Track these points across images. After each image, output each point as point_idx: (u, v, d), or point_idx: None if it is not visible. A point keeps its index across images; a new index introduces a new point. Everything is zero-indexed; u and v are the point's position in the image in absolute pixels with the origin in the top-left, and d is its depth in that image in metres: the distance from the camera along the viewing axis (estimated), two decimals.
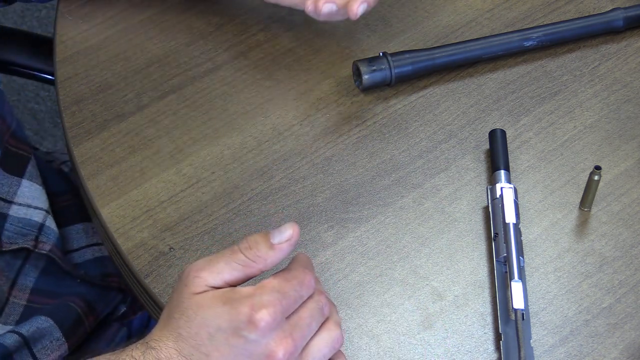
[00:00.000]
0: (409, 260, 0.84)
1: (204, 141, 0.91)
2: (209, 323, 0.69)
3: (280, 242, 0.72)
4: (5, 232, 0.95)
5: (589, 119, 0.94)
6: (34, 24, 2.17)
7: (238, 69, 0.96)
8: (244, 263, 0.71)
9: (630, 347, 0.80)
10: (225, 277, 0.71)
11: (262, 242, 0.72)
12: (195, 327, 0.69)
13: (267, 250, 0.72)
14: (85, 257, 1.02)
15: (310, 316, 0.71)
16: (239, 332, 0.68)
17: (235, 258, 0.71)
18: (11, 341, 0.90)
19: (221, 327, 0.68)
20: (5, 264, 0.95)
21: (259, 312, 0.68)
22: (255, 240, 0.72)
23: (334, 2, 0.89)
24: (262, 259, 0.71)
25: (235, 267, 0.71)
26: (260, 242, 0.72)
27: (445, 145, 0.92)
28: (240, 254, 0.71)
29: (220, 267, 0.71)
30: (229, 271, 0.71)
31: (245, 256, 0.71)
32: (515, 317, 0.78)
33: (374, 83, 0.94)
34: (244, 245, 0.72)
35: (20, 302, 0.95)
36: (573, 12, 1.02)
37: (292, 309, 0.70)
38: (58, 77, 0.96)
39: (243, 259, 0.71)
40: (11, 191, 0.97)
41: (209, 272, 0.71)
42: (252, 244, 0.72)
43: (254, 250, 0.72)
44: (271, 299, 0.69)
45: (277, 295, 0.69)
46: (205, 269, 0.71)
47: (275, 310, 0.68)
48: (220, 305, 0.69)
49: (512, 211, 0.84)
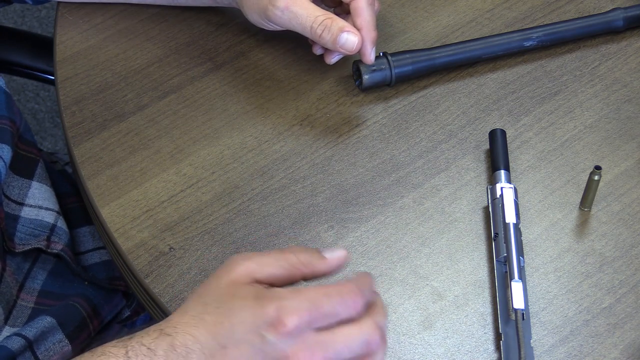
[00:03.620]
0: (409, 260, 0.84)
1: (204, 141, 0.91)
2: (235, 313, 0.68)
3: (331, 257, 0.72)
4: (18, 233, 0.95)
5: (589, 119, 0.94)
6: (34, 24, 2.17)
7: (238, 69, 0.96)
8: (291, 264, 0.70)
9: (630, 347, 0.80)
10: (270, 271, 0.70)
11: (313, 252, 0.72)
12: (222, 314, 0.68)
13: (317, 258, 0.71)
14: (93, 260, 1.02)
15: (346, 342, 0.68)
16: (259, 330, 0.67)
17: (285, 257, 0.71)
18: (17, 345, 0.90)
19: (244, 321, 0.67)
20: (16, 266, 0.95)
21: (283, 316, 0.66)
22: (306, 249, 0.72)
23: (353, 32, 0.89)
24: (310, 264, 0.71)
25: (282, 265, 0.70)
26: (312, 251, 0.72)
27: (445, 145, 0.92)
28: (291, 254, 0.71)
29: (267, 261, 0.70)
30: (276, 267, 0.70)
31: (295, 256, 0.71)
32: (515, 317, 0.78)
33: (374, 83, 0.94)
34: (295, 248, 0.72)
35: (28, 304, 0.95)
36: (573, 12, 1.02)
37: (324, 324, 0.68)
38: (58, 77, 0.96)
39: (292, 259, 0.71)
40: (22, 193, 0.97)
41: (256, 263, 0.70)
42: (303, 249, 0.72)
43: (305, 254, 0.71)
44: (301, 307, 0.67)
45: (308, 305, 0.67)
46: (253, 260, 0.70)
47: (301, 318, 0.67)
48: (251, 299, 0.68)
49: (512, 211, 0.84)
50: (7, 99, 0.96)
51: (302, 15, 0.89)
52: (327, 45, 0.89)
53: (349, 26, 0.89)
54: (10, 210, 0.96)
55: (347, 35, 0.88)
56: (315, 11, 0.89)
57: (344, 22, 0.89)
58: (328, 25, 0.88)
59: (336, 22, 0.89)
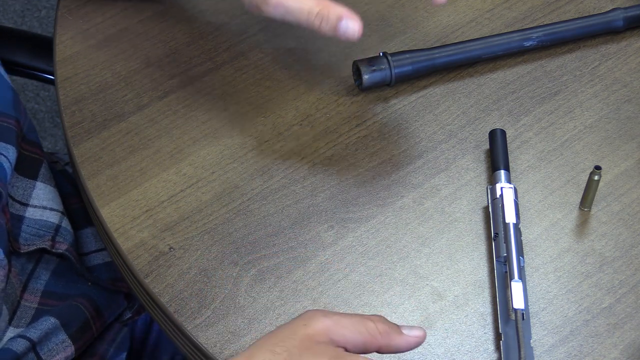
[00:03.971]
0: (409, 260, 0.84)
1: (204, 141, 0.91)
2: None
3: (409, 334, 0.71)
4: (22, 234, 0.95)
5: (589, 119, 0.94)
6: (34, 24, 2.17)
7: (238, 69, 0.96)
8: (369, 331, 0.70)
9: (630, 347, 0.80)
10: (347, 334, 0.69)
11: (392, 324, 0.71)
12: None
13: (395, 332, 0.71)
14: (96, 262, 1.02)
15: None
16: None
17: (363, 323, 0.70)
18: (21, 347, 0.90)
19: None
20: (20, 266, 0.95)
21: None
22: (386, 320, 0.71)
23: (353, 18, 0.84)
24: (387, 335, 0.70)
25: (360, 330, 0.69)
26: (391, 324, 0.71)
27: (445, 145, 0.92)
28: (370, 322, 0.70)
29: (345, 323, 0.69)
30: (352, 332, 0.69)
31: (374, 324, 0.70)
32: (515, 317, 0.78)
33: (374, 83, 0.94)
34: (375, 317, 0.71)
35: (31, 305, 0.95)
36: (573, 12, 1.02)
37: None
38: (58, 77, 0.96)
39: (370, 327, 0.70)
40: (26, 194, 0.97)
41: (334, 323, 0.69)
42: (382, 320, 0.71)
43: (384, 325, 0.71)
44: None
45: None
46: (332, 319, 0.69)
47: None
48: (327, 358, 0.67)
49: (512, 211, 0.84)
50: (14, 97, 0.96)
51: (296, 9, 0.84)
52: (328, 34, 0.85)
53: (347, 12, 0.84)
54: (14, 210, 0.96)
55: (346, 22, 0.84)
56: (308, 2, 0.84)
57: (341, 8, 0.84)
58: (325, 15, 0.84)
59: (333, 10, 0.84)
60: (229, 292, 0.82)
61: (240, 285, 0.82)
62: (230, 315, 0.81)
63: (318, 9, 0.84)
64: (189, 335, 0.80)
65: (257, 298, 0.82)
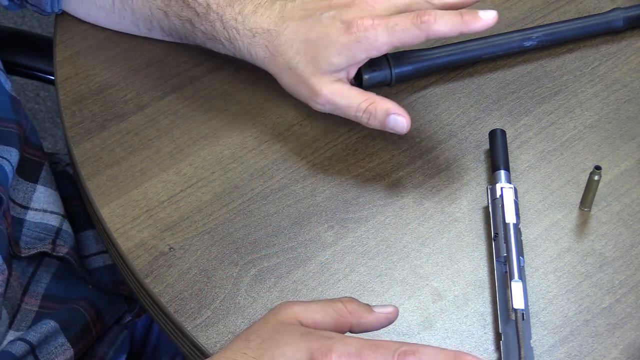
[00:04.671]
0: (409, 260, 0.84)
1: (204, 141, 0.91)
2: (277, 347, 0.68)
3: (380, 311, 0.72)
4: (23, 237, 0.95)
5: (589, 119, 0.94)
6: (34, 24, 2.17)
7: (238, 69, 0.96)
8: (338, 311, 0.71)
9: (630, 347, 0.80)
10: (316, 317, 0.70)
11: (363, 304, 0.72)
12: (263, 348, 0.68)
13: (365, 310, 0.72)
14: (96, 264, 1.02)
15: None
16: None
17: (332, 305, 0.71)
18: (20, 350, 0.90)
19: (285, 354, 0.67)
20: (21, 270, 0.95)
21: (325, 355, 0.66)
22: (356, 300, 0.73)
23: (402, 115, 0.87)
24: (356, 313, 0.71)
25: (329, 312, 0.71)
26: (362, 303, 0.72)
27: (445, 145, 0.92)
28: (339, 303, 0.72)
29: (314, 308, 0.71)
30: (322, 314, 0.71)
31: (342, 305, 0.71)
32: (515, 317, 0.78)
33: (374, 83, 0.94)
34: (344, 299, 0.72)
35: (32, 308, 0.95)
36: (573, 12, 1.02)
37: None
38: (58, 77, 0.96)
39: (339, 308, 0.71)
40: (27, 197, 0.97)
41: (303, 308, 0.71)
42: (352, 300, 0.72)
43: (354, 304, 0.72)
44: (344, 350, 0.67)
45: (351, 350, 0.67)
46: (300, 305, 0.71)
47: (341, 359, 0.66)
48: (297, 335, 0.68)
49: (512, 211, 0.84)
50: (13, 102, 0.96)
51: (344, 106, 0.87)
52: (377, 128, 0.88)
53: (394, 106, 0.86)
54: (15, 214, 0.96)
55: (394, 117, 0.86)
56: (357, 98, 0.87)
57: (388, 104, 0.86)
58: (373, 112, 0.86)
59: (380, 106, 0.86)
60: (229, 292, 0.82)
61: (240, 285, 0.83)
62: (231, 315, 0.81)
63: (366, 105, 0.87)
64: (189, 335, 0.80)
65: (257, 298, 0.82)
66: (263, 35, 0.88)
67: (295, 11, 0.88)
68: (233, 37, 0.90)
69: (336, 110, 0.88)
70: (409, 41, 0.85)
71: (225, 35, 0.90)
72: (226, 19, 0.89)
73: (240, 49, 0.90)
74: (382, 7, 0.86)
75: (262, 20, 0.88)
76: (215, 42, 0.92)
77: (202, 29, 0.91)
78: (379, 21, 0.85)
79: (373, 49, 0.86)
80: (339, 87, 0.87)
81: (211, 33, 0.91)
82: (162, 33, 0.96)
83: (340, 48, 0.86)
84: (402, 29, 0.84)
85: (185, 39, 0.95)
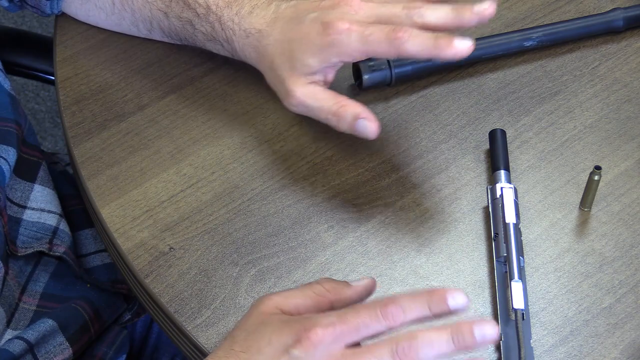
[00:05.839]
0: (409, 260, 0.85)
1: (204, 141, 0.91)
2: (263, 337, 0.68)
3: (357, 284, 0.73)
4: (20, 236, 0.95)
5: (589, 119, 0.94)
6: (34, 24, 2.17)
7: (238, 69, 0.96)
8: (317, 292, 0.72)
9: (630, 347, 0.80)
10: (297, 301, 0.71)
11: (339, 281, 0.73)
12: (250, 340, 0.69)
13: (343, 286, 0.73)
14: (95, 263, 1.02)
15: (378, 357, 0.66)
16: (286, 348, 0.67)
17: (310, 287, 0.72)
18: (18, 349, 0.90)
19: (271, 342, 0.68)
20: (18, 269, 0.95)
21: (309, 330, 0.67)
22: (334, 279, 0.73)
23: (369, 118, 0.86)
24: (335, 290, 0.72)
25: (308, 294, 0.72)
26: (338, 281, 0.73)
27: (445, 145, 0.92)
28: (317, 284, 0.72)
29: (293, 293, 0.72)
30: (302, 297, 0.71)
31: (320, 286, 0.72)
32: (515, 317, 0.78)
33: (374, 83, 0.94)
34: (321, 280, 0.73)
35: (30, 307, 0.95)
36: (573, 12, 1.02)
37: (353, 339, 0.67)
38: (58, 77, 0.96)
39: (318, 289, 0.72)
40: (24, 196, 0.97)
41: (282, 296, 0.71)
42: (329, 280, 0.73)
43: (331, 283, 0.72)
44: (327, 321, 0.67)
45: (334, 319, 0.67)
46: (279, 294, 0.72)
47: (326, 331, 0.67)
48: (279, 323, 0.69)
49: (512, 211, 0.84)
50: (13, 101, 0.96)
51: (315, 108, 0.87)
52: (347, 132, 0.88)
53: (364, 111, 0.86)
54: (12, 213, 0.96)
55: (363, 122, 0.86)
56: (328, 101, 0.87)
57: (358, 108, 0.86)
58: (342, 115, 0.86)
59: (351, 110, 0.86)
60: (229, 292, 0.82)
61: (241, 285, 0.83)
62: (231, 315, 0.81)
63: (336, 107, 0.87)
64: (189, 335, 0.80)
65: (257, 298, 0.82)
66: (255, 36, 0.89)
67: (287, 11, 0.88)
68: (230, 38, 0.90)
69: (309, 112, 0.88)
70: (380, 54, 0.84)
71: (223, 36, 0.90)
72: (224, 20, 0.89)
73: (237, 49, 0.91)
74: (364, 13, 0.85)
75: (256, 21, 0.89)
76: (214, 43, 0.92)
77: (202, 30, 0.91)
78: (356, 27, 0.84)
79: (344, 54, 0.85)
80: (312, 89, 0.87)
81: (211, 34, 0.91)
82: (162, 34, 0.96)
83: (315, 49, 0.86)
84: (375, 40, 0.83)
85: (185, 40, 0.95)
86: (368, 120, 0.86)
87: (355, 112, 0.86)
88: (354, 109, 0.86)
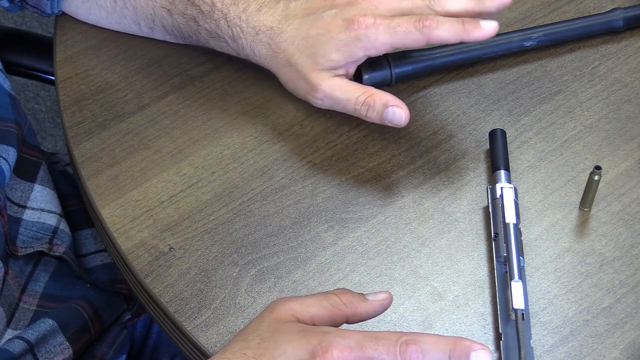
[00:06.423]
0: (409, 260, 0.85)
1: (204, 141, 0.92)
2: (278, 346, 0.68)
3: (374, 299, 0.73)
4: (20, 236, 0.95)
5: (589, 119, 0.94)
6: (34, 24, 2.17)
7: (238, 69, 0.96)
8: (334, 304, 0.72)
9: (630, 347, 0.80)
10: (313, 311, 0.71)
11: (357, 294, 0.73)
12: (263, 348, 0.68)
13: (360, 300, 0.73)
14: (94, 263, 1.02)
15: None
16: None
17: (327, 298, 0.72)
18: (18, 348, 0.90)
19: (286, 353, 0.68)
20: (18, 269, 0.95)
21: (326, 350, 0.67)
22: (350, 291, 0.73)
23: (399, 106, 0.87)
24: (352, 304, 0.72)
25: (325, 305, 0.71)
26: (356, 293, 0.73)
27: (445, 145, 0.92)
28: (333, 295, 0.72)
29: (310, 302, 0.71)
30: (318, 308, 0.71)
31: (337, 298, 0.72)
32: (515, 317, 0.78)
33: (374, 83, 0.94)
34: (338, 291, 0.73)
35: (30, 307, 0.95)
36: (573, 12, 1.02)
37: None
38: (58, 77, 0.96)
39: (334, 300, 0.72)
40: (24, 196, 0.97)
41: (298, 303, 0.71)
42: (346, 291, 0.73)
43: (348, 295, 0.72)
44: (344, 344, 0.67)
45: (352, 344, 0.67)
46: (295, 301, 0.71)
47: (341, 355, 0.67)
48: (296, 333, 0.69)
49: (512, 211, 0.84)
50: (13, 101, 0.96)
51: (343, 99, 0.88)
52: (376, 122, 0.88)
53: (393, 99, 0.87)
54: (12, 213, 0.96)
55: (392, 109, 0.87)
56: (355, 92, 0.88)
57: (387, 97, 0.87)
58: (371, 104, 0.87)
59: (379, 99, 0.87)
60: (229, 292, 0.82)
61: (241, 285, 0.83)
62: (231, 315, 0.81)
63: (364, 97, 0.88)
64: (189, 335, 0.80)
65: (257, 298, 0.82)
66: (266, 33, 0.89)
67: (299, 9, 0.89)
68: (237, 35, 0.90)
69: (335, 104, 0.89)
70: (409, 44, 0.86)
71: (229, 33, 0.90)
72: (230, 17, 0.90)
73: (244, 46, 0.91)
74: (384, 7, 0.87)
75: (265, 18, 0.89)
76: (219, 41, 0.92)
77: (206, 27, 0.91)
78: (380, 20, 0.85)
79: (372, 48, 0.86)
80: (338, 82, 0.88)
81: (215, 31, 0.91)
82: (164, 32, 0.96)
83: (339, 44, 0.86)
84: (403, 30, 0.85)
85: (187, 38, 0.95)
86: (398, 108, 0.87)
87: (385, 100, 0.87)
88: (383, 97, 0.87)
